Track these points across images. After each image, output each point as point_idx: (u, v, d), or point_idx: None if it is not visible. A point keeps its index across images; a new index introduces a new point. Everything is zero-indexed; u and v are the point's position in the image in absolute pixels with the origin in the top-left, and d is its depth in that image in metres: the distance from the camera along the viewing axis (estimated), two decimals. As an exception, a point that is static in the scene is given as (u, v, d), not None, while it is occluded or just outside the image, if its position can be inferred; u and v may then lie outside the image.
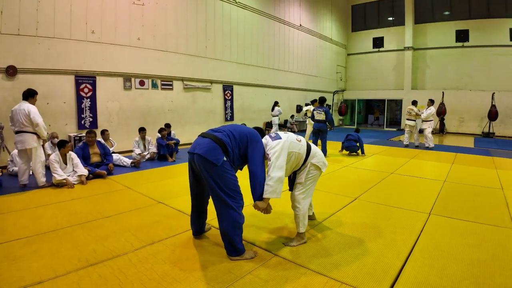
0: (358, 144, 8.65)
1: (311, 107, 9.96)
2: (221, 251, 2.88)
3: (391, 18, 18.59)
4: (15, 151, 6.10)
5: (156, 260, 2.72)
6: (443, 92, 15.42)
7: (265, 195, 2.71)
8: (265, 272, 2.54)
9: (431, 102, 10.26)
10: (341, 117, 19.66)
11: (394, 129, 17.84)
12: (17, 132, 5.13)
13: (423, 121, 10.28)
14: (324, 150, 8.31)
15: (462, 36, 15.76)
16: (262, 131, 3.18)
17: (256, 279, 2.44)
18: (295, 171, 3.12)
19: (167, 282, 2.37)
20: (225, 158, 2.65)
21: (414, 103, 10.51)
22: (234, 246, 2.70)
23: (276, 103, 12.76)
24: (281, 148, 2.81)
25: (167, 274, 2.49)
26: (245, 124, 3.35)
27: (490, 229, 3.46)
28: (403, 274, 2.51)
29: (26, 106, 5.12)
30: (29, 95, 5.28)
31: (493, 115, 14.17)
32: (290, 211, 3.92)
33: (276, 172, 2.72)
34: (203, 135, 2.80)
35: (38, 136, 5.26)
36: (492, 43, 15.06)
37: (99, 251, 2.89)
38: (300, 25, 15.96)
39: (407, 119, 10.40)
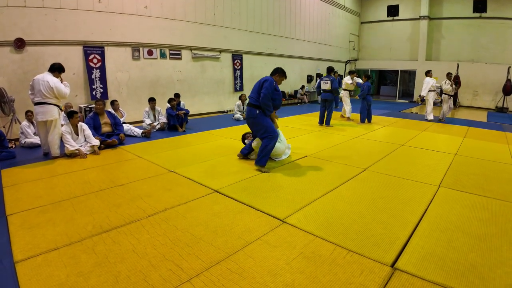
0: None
1: (349, 79, 9.70)
2: (231, 218, 2.96)
3: (407, -15, 17.60)
4: (24, 123, 6.17)
5: (168, 226, 2.81)
6: (458, 64, 14.86)
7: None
8: (274, 238, 2.61)
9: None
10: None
11: (407, 101, 17.46)
12: (37, 103, 5.07)
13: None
14: (328, 119, 8.34)
15: (480, 6, 14.89)
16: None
17: (265, 244, 2.51)
18: None
19: (179, 247, 2.46)
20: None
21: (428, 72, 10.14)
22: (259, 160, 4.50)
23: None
24: None
25: (179, 239, 2.58)
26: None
27: (500, 204, 3.43)
28: (410, 244, 2.54)
29: (51, 78, 5.07)
30: (58, 69, 5.22)
31: (507, 89, 13.70)
32: (299, 180, 3.98)
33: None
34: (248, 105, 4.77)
35: (60, 108, 5.29)
36: (510, 16, 14.27)
37: (112, 218, 2.99)
38: (313, -10, 15.30)
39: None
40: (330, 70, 8.55)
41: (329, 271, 2.18)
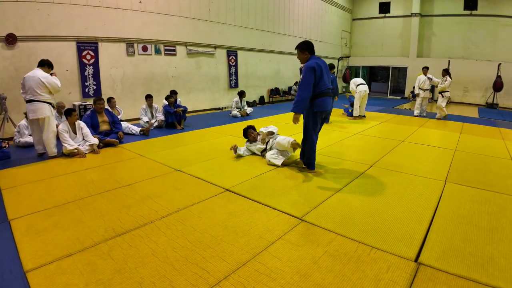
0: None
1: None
2: (248, 218, 2.91)
3: (398, -18, 17.75)
4: (22, 122, 5.96)
5: (185, 227, 2.73)
6: (449, 61, 15.11)
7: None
8: (296, 237, 2.58)
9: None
10: (344, 84, 19.37)
11: (398, 97, 17.67)
12: (29, 101, 4.91)
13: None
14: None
15: (470, 4, 15.13)
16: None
17: (288, 243, 2.47)
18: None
19: (200, 249, 2.39)
20: None
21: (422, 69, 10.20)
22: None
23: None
24: None
25: (199, 241, 2.51)
26: None
27: (505, 198, 3.50)
28: (428, 239, 2.56)
29: (40, 73, 4.89)
30: (47, 64, 5.06)
31: (498, 85, 13.97)
32: (309, 178, 3.95)
33: None
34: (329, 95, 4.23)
35: (51, 106, 5.12)
36: (500, 13, 14.55)
37: (124, 220, 2.88)
38: (305, -13, 15.26)
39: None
40: (331, 67, 8.44)
41: (356, 269, 2.16)
